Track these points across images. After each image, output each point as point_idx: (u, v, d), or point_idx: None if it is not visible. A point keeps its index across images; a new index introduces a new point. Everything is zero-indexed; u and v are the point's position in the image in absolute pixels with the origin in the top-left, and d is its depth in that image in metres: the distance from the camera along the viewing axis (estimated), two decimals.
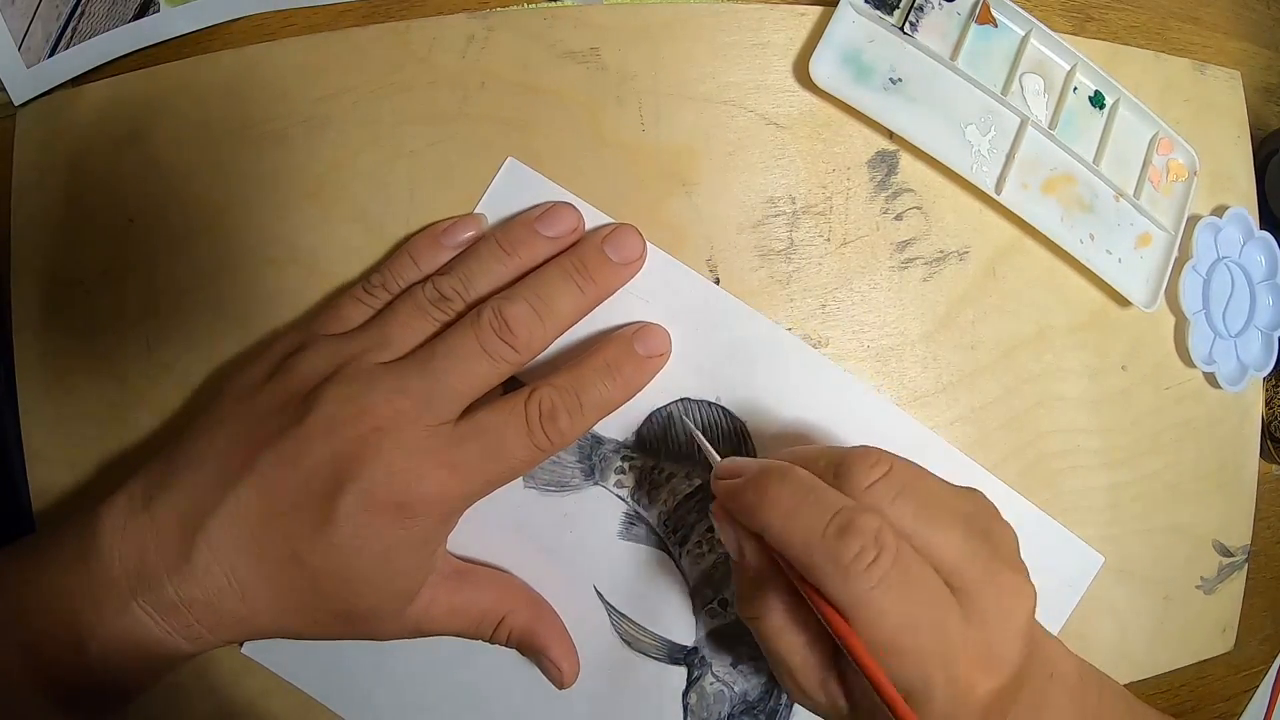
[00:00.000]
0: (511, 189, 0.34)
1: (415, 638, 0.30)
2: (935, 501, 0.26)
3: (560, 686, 0.32)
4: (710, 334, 0.35)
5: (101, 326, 0.34)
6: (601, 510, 0.34)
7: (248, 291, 0.34)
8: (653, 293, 0.34)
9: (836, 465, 0.26)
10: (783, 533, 0.24)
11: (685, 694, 0.35)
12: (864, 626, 0.23)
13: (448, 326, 0.30)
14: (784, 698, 0.35)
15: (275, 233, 0.34)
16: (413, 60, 0.34)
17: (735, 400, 0.35)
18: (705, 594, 0.35)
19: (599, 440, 0.34)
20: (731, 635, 0.35)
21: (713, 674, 0.35)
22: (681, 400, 0.34)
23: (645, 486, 0.34)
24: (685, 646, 0.35)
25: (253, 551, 0.26)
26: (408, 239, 0.33)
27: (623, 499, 0.34)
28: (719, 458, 0.30)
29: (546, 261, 0.31)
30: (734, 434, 0.35)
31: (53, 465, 0.34)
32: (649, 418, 0.34)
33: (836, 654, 0.26)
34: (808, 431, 0.35)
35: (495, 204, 0.34)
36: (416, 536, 0.27)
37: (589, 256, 0.30)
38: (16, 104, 0.34)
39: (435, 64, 0.34)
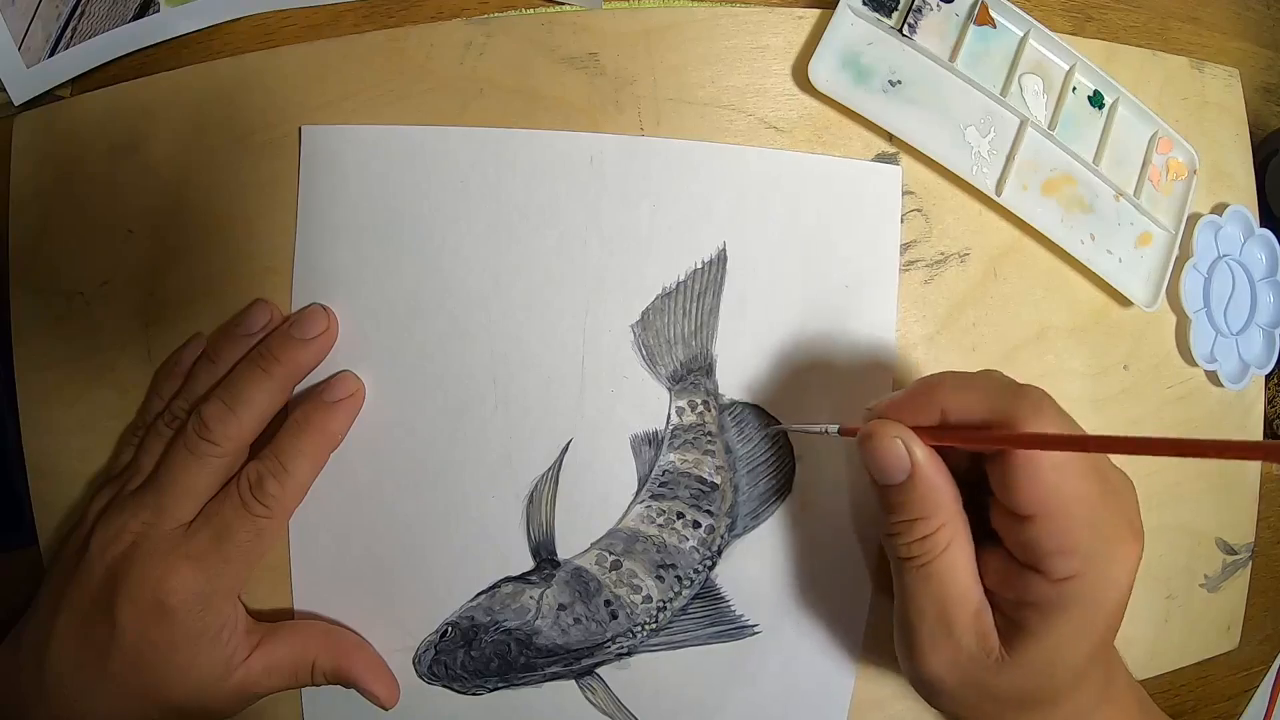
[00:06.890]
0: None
1: (248, 705, 0.32)
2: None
3: (385, 709, 0.34)
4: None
5: (102, 337, 0.34)
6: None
7: (248, 301, 0.34)
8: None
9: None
10: (963, 396, 0.27)
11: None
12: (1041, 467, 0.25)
13: None
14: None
15: (274, 242, 0.34)
16: (411, 67, 0.34)
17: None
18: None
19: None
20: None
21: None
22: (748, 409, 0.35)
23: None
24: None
25: (80, 670, 0.30)
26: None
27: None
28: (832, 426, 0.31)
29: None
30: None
31: (53, 476, 0.34)
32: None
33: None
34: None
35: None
36: (192, 627, 0.30)
37: (273, 342, 0.32)
38: (16, 104, 0.34)
39: (433, 71, 0.34)
